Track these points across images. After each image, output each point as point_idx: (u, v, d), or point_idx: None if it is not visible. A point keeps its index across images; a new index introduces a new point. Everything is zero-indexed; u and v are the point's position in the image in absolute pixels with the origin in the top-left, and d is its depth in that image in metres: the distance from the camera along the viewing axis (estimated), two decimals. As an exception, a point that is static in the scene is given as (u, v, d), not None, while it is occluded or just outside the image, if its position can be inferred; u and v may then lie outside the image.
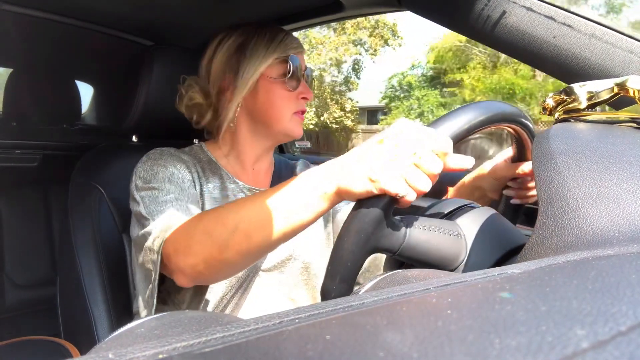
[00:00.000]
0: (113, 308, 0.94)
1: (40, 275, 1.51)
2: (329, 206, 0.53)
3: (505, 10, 0.70)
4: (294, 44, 0.85)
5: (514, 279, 0.26)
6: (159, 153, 0.79)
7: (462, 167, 0.50)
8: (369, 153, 0.49)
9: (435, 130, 0.48)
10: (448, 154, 0.48)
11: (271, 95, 0.82)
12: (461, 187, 0.81)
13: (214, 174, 0.84)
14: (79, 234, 0.97)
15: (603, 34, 0.63)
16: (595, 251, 0.31)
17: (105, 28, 1.24)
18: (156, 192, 0.72)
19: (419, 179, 0.47)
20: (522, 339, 0.16)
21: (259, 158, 0.90)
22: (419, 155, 0.47)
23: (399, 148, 0.47)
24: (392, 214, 0.50)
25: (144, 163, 0.77)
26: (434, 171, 0.47)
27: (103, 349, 0.30)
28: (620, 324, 0.17)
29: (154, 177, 0.74)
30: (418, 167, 0.47)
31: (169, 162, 0.77)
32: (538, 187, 0.40)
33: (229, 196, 0.83)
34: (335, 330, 0.20)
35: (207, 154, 0.87)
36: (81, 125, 1.72)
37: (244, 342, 0.19)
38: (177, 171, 0.76)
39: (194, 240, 0.59)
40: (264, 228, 0.55)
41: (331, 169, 0.52)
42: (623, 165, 0.38)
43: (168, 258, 0.63)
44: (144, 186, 0.73)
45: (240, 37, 0.84)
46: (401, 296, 0.26)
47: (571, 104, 0.52)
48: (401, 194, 0.46)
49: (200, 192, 0.80)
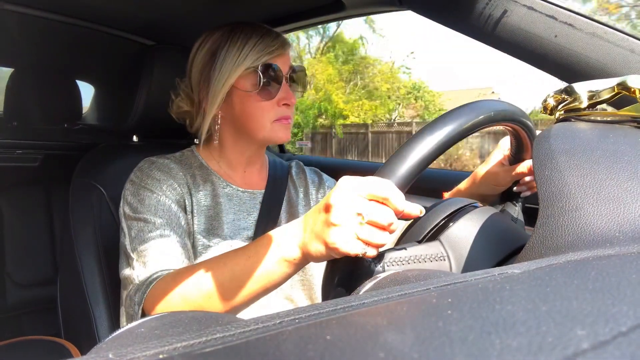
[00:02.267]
0: (114, 308, 0.94)
1: (41, 275, 1.51)
2: (297, 269, 0.56)
3: (507, 9, 0.70)
4: (271, 47, 0.79)
5: (515, 279, 0.26)
6: (147, 169, 0.78)
7: (414, 215, 0.50)
8: (318, 221, 0.50)
9: (376, 179, 0.48)
10: (394, 197, 0.47)
11: (246, 107, 0.80)
12: (458, 195, 0.80)
13: (205, 181, 0.83)
14: (80, 233, 0.97)
15: (604, 33, 0.63)
16: (596, 251, 0.31)
17: (107, 27, 1.25)
18: (142, 225, 0.72)
19: (372, 236, 0.47)
20: (523, 339, 0.16)
21: (250, 161, 0.89)
22: (365, 213, 0.47)
23: (342, 212, 0.48)
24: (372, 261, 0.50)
25: (132, 184, 0.77)
26: (385, 223, 0.47)
27: (103, 349, 0.30)
28: (620, 324, 0.17)
29: (140, 206, 0.73)
30: (369, 223, 0.47)
31: (156, 185, 0.76)
32: (539, 187, 0.39)
33: (221, 202, 0.82)
34: (335, 330, 0.20)
35: (199, 159, 0.86)
36: (82, 125, 1.72)
37: (244, 342, 0.19)
38: (164, 196, 0.75)
39: (171, 303, 0.62)
40: (236, 293, 0.58)
41: (292, 237, 0.54)
42: (624, 165, 0.38)
43: (148, 311, 0.65)
44: (131, 215, 0.74)
45: (214, 44, 0.80)
46: (401, 296, 0.26)
47: (572, 103, 0.52)
48: (361, 253, 0.47)
49: (191, 204, 0.79)
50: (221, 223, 0.80)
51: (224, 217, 0.80)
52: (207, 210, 0.80)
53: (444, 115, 0.51)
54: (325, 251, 0.49)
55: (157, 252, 0.69)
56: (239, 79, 0.79)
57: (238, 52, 0.77)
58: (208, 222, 0.79)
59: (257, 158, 0.90)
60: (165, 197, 0.75)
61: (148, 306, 0.65)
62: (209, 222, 0.79)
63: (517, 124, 0.59)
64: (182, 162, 0.84)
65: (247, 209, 0.84)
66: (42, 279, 1.52)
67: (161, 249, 0.70)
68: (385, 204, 0.48)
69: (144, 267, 0.69)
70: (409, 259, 0.50)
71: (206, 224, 0.79)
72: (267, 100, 0.79)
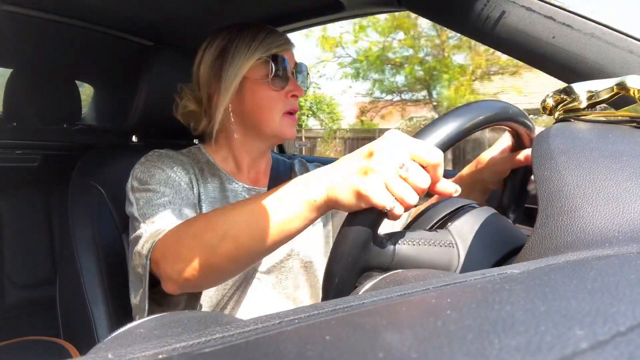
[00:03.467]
0: (113, 308, 0.94)
1: (40, 275, 1.51)
2: (319, 215, 0.53)
3: (505, 10, 0.70)
4: (279, 42, 0.83)
5: (514, 279, 0.26)
6: (157, 155, 0.79)
7: (447, 193, 0.50)
8: (355, 165, 0.49)
9: (423, 141, 0.48)
10: (438, 165, 0.47)
11: (257, 97, 0.82)
12: (460, 181, 0.81)
13: (213, 175, 0.84)
14: (79, 234, 0.97)
15: (603, 33, 0.63)
16: (595, 251, 0.31)
17: (105, 28, 1.24)
18: (150, 194, 0.71)
19: (405, 192, 0.46)
20: (521, 339, 0.16)
21: (256, 160, 0.90)
22: (406, 167, 0.46)
23: (384, 160, 0.47)
24: (383, 234, 0.49)
25: (141, 164, 0.77)
26: (421, 185, 0.46)
27: (102, 349, 0.30)
28: (619, 324, 0.17)
29: (150, 179, 0.73)
30: (405, 180, 0.46)
31: (167, 164, 0.77)
32: (538, 187, 0.40)
33: (228, 196, 0.83)
34: (334, 330, 0.20)
35: (206, 156, 0.87)
36: (81, 125, 1.71)
37: (244, 342, 0.19)
38: (173, 174, 0.76)
39: (182, 246, 0.59)
40: (253, 235, 0.55)
41: (320, 179, 0.52)
42: (623, 165, 0.38)
43: (156, 264, 0.63)
44: (139, 187, 0.73)
45: (223, 40, 0.83)
46: (401, 296, 0.26)
47: (571, 103, 0.52)
48: (388, 206, 0.46)
49: (198, 193, 0.79)
50: None
51: None
52: (215, 202, 0.80)
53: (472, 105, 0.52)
54: (354, 198, 0.47)
55: (165, 213, 0.69)
56: (251, 69, 0.81)
57: (249, 44, 0.81)
58: None
59: (263, 158, 0.91)
60: (175, 174, 0.76)
61: (157, 255, 0.62)
62: None
63: (513, 123, 0.58)
64: (189, 157, 0.85)
65: None
66: (41, 279, 1.51)
67: (169, 211, 0.69)
68: (426, 169, 0.47)
69: (152, 224, 0.67)
70: (420, 241, 0.50)
71: None
72: (278, 90, 0.82)
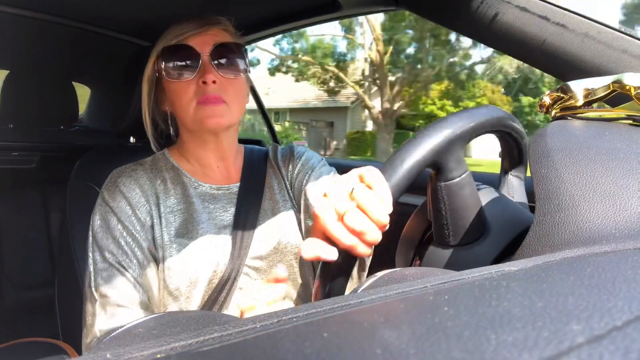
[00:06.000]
0: (112, 309, 0.93)
1: (38, 277, 1.51)
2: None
3: (501, 9, 0.70)
4: (183, 30, 0.79)
5: (511, 276, 0.26)
6: (114, 182, 0.78)
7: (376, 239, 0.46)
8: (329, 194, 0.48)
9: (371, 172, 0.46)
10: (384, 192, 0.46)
11: (169, 92, 0.81)
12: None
13: (176, 184, 0.81)
14: (77, 235, 0.97)
15: (597, 32, 0.63)
16: (592, 248, 0.31)
17: (102, 29, 1.24)
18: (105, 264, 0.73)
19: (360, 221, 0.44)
20: (518, 334, 0.16)
21: (219, 156, 0.86)
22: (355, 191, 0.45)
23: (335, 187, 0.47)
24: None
25: (99, 206, 0.77)
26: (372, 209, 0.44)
27: (101, 349, 0.30)
28: (615, 319, 0.17)
29: (104, 235, 0.74)
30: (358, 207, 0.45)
31: (122, 203, 0.76)
32: (535, 185, 0.40)
33: (194, 202, 0.80)
34: (332, 327, 0.20)
35: (170, 161, 0.84)
36: (78, 126, 1.71)
37: (242, 341, 0.19)
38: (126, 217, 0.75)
39: None
40: None
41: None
42: (619, 162, 0.38)
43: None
44: (95, 245, 0.74)
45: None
46: (398, 294, 0.26)
47: (568, 101, 0.52)
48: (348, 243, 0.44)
49: (158, 216, 0.77)
50: (196, 225, 0.77)
51: (197, 217, 0.78)
52: (181, 214, 0.78)
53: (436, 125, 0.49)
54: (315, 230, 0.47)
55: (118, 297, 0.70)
56: (152, 67, 0.82)
57: (157, 42, 0.82)
58: (183, 226, 0.77)
59: (228, 152, 0.86)
60: (127, 216, 0.75)
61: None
62: (184, 226, 0.77)
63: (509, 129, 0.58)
64: (152, 168, 0.82)
65: (222, 205, 0.82)
66: (40, 280, 1.51)
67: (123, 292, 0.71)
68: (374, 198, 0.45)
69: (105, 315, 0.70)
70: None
71: (181, 228, 0.77)
72: (184, 80, 0.78)
